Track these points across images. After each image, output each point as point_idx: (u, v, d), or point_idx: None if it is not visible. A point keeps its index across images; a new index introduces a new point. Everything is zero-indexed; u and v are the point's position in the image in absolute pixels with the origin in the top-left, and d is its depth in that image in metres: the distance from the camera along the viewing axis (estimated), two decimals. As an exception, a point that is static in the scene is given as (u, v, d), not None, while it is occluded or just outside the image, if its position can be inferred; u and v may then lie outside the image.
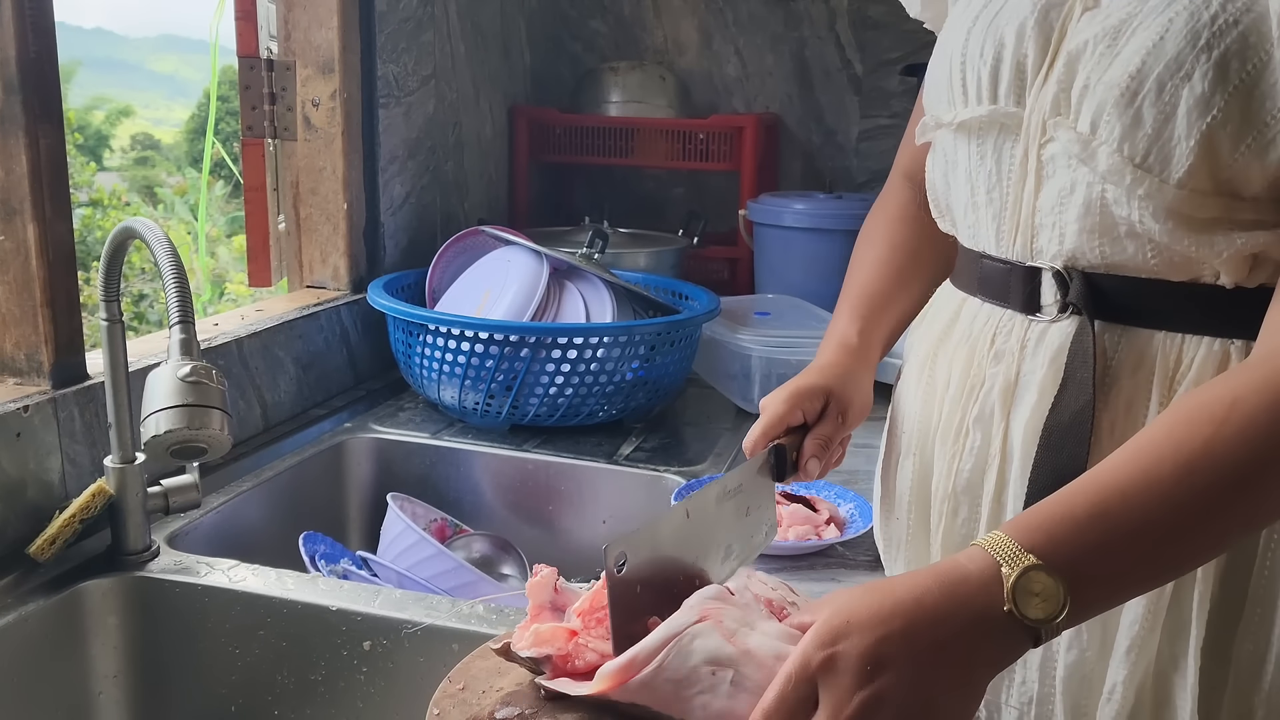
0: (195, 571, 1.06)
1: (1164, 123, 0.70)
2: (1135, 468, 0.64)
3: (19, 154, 1.05)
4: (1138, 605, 0.75)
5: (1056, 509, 0.63)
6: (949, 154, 0.87)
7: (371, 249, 1.72)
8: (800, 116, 2.40)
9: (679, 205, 2.45)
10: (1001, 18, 0.80)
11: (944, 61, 0.85)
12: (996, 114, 0.80)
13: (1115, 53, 0.72)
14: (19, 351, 1.09)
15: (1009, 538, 0.61)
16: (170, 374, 0.88)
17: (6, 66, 1.03)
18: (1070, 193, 0.76)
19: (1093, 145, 0.73)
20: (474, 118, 2.08)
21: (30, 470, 1.05)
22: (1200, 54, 0.68)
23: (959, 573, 0.61)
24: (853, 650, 0.59)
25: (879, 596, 0.61)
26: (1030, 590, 0.59)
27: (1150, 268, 0.75)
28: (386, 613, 1.00)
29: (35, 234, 1.06)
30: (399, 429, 1.51)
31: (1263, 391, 0.63)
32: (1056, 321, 0.79)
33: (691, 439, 1.54)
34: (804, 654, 0.60)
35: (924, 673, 0.59)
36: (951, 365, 0.87)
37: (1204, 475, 0.62)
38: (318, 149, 1.63)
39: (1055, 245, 0.78)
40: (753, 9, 2.37)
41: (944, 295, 0.93)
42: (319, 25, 1.58)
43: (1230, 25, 0.68)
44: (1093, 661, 0.78)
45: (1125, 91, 0.71)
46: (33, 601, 0.98)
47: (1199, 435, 0.63)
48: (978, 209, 0.84)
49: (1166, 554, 0.64)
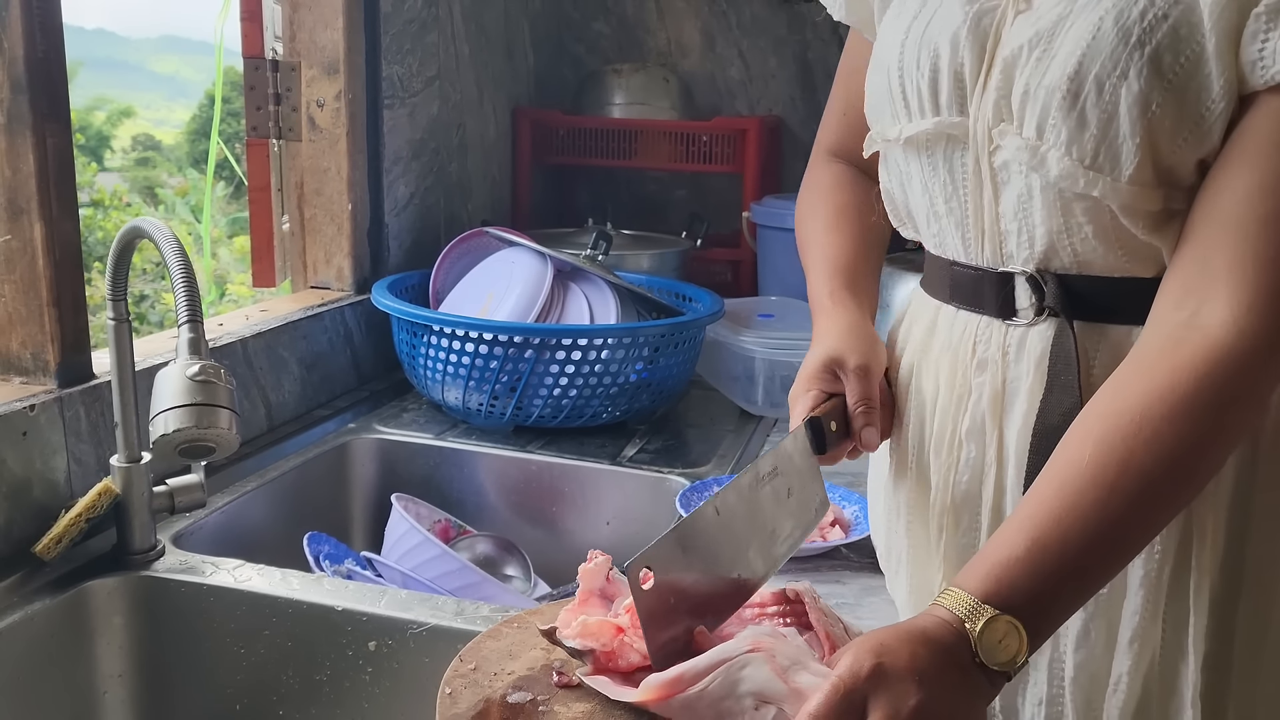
0: (200, 571, 1.06)
1: (1108, 122, 0.70)
2: (1061, 499, 0.67)
3: (26, 153, 1.05)
4: (1137, 596, 0.76)
5: (1001, 553, 0.67)
6: (901, 167, 0.87)
7: (375, 250, 1.72)
8: (803, 119, 2.40)
9: (682, 207, 2.45)
10: (934, 27, 0.79)
11: (881, 76, 0.85)
12: (942, 125, 0.80)
13: (1051, 55, 0.72)
14: (25, 350, 1.09)
15: (966, 594, 0.65)
16: (179, 373, 0.88)
17: (14, 66, 1.03)
18: (1030, 198, 0.76)
19: (1041, 151, 0.74)
20: (478, 119, 2.09)
21: (36, 469, 1.05)
22: (1134, 51, 0.69)
23: (934, 635, 0.64)
24: (900, 662, 0.62)
25: (898, 631, 0.65)
26: (993, 640, 0.64)
27: (1122, 265, 0.76)
28: (391, 613, 1.00)
29: (42, 233, 1.06)
30: (403, 430, 1.52)
31: (1167, 400, 0.67)
32: (1034, 325, 0.79)
33: (695, 440, 1.54)
34: (854, 662, 0.62)
35: (949, 691, 0.63)
36: (937, 376, 0.87)
37: (1125, 494, 0.67)
38: (322, 149, 1.63)
39: (1025, 249, 0.78)
40: (756, 11, 2.37)
41: (918, 303, 0.93)
42: (324, 26, 1.59)
43: (1160, 20, 0.68)
44: (1100, 658, 0.79)
45: (1067, 94, 0.71)
46: (38, 600, 0.98)
47: (1115, 455, 0.67)
48: (939, 219, 0.84)
49: (1104, 568, 0.69)
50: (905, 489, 0.91)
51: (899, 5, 0.86)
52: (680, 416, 1.65)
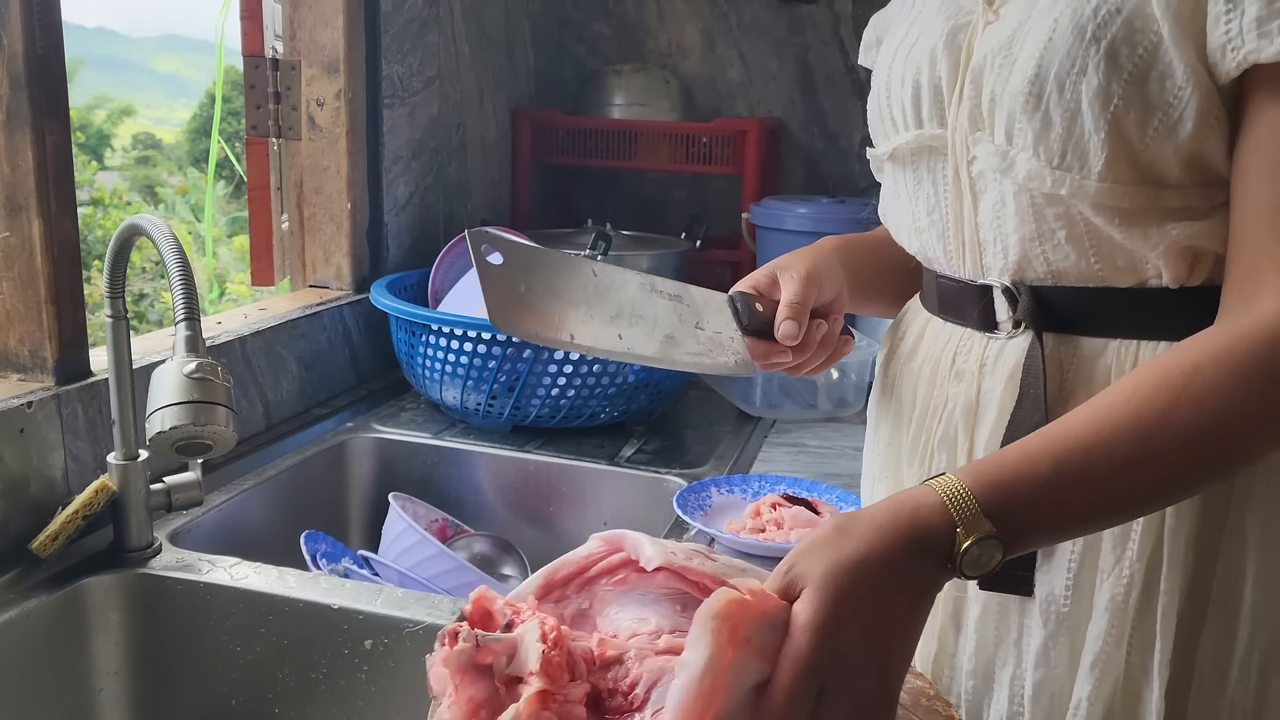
0: (197, 569, 1.06)
1: (1071, 120, 0.71)
2: (1096, 431, 0.65)
3: (25, 150, 1.05)
4: (1101, 621, 0.76)
5: (1020, 464, 0.65)
6: (890, 184, 0.90)
7: (375, 249, 1.72)
8: (803, 120, 2.40)
9: (681, 208, 2.45)
10: (917, 47, 0.82)
11: (874, 97, 0.89)
12: (923, 138, 0.82)
13: (1013, 61, 0.74)
14: (23, 347, 1.09)
15: (969, 494, 0.63)
16: (176, 370, 0.88)
17: (14, 62, 1.03)
18: (1003, 205, 0.77)
19: (1010, 154, 0.74)
20: (477, 119, 2.09)
21: (33, 466, 1.05)
22: (1089, 46, 0.69)
23: (918, 521, 0.62)
24: (854, 649, 0.59)
25: (857, 575, 0.61)
26: (976, 555, 0.62)
27: (1096, 274, 0.75)
28: (388, 612, 1.00)
29: (40, 230, 1.06)
30: (401, 429, 1.52)
31: (1221, 362, 0.65)
32: (1013, 338, 0.80)
33: (692, 441, 1.54)
34: (810, 656, 0.59)
35: (875, 624, 0.60)
36: (916, 386, 0.88)
37: (1159, 443, 0.64)
38: (322, 148, 1.63)
39: (1001, 260, 0.79)
40: (756, 13, 2.38)
41: (911, 313, 0.94)
42: (324, 25, 1.59)
43: (1113, 14, 0.69)
44: (1061, 679, 0.78)
45: (1029, 96, 0.72)
46: (35, 598, 0.98)
47: (1158, 402, 0.65)
48: (922, 233, 0.86)
49: (1109, 511, 0.67)
50: (882, 495, 0.92)
51: (890, 35, 0.90)
52: (678, 417, 1.65)
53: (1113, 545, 0.76)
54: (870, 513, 0.64)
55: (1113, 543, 0.76)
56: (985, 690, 0.83)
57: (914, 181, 0.85)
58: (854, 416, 1.64)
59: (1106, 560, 0.76)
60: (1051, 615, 0.78)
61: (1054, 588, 0.78)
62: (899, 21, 0.89)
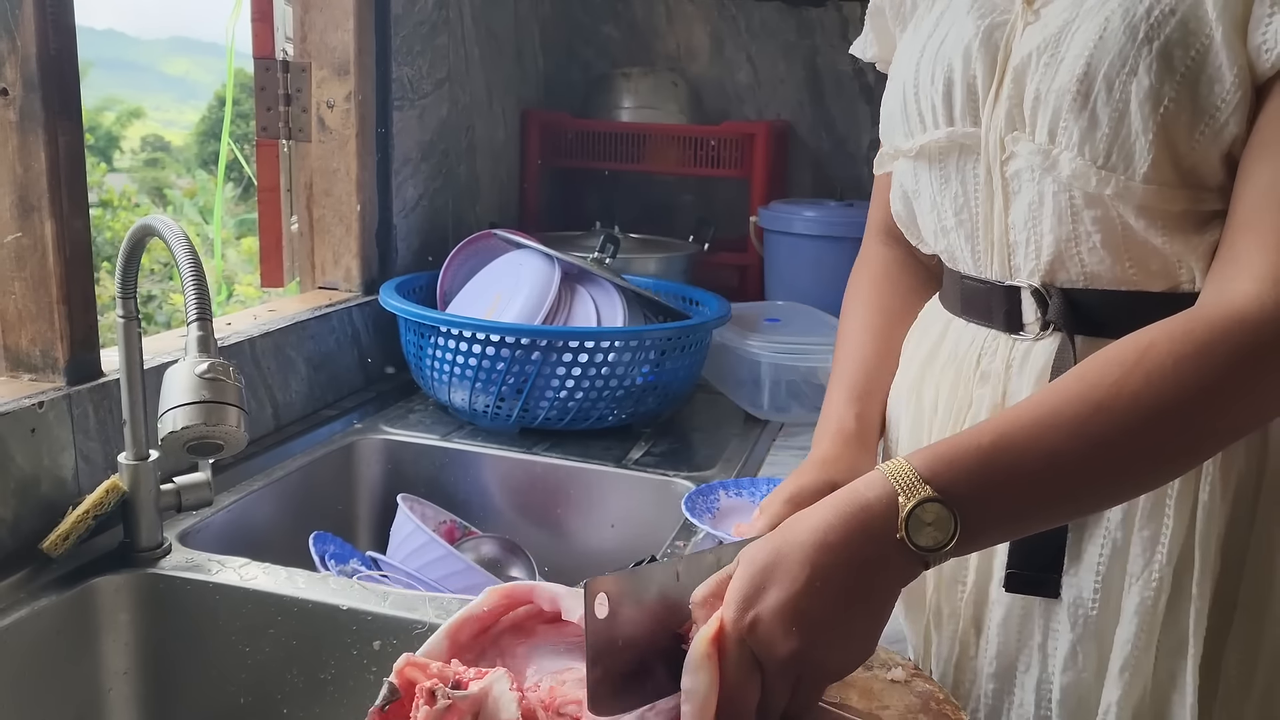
0: (206, 569, 1.06)
1: (1119, 120, 0.70)
2: (1043, 406, 0.66)
3: (38, 151, 1.05)
4: (1130, 625, 0.75)
5: (962, 440, 0.65)
6: (908, 184, 0.88)
7: (384, 251, 1.73)
8: (811, 124, 2.40)
9: (689, 211, 2.45)
10: (948, 44, 0.81)
11: (897, 93, 0.87)
12: (954, 135, 0.81)
13: (1059, 59, 0.73)
14: (34, 348, 1.09)
15: (910, 466, 0.64)
16: (188, 370, 0.88)
17: (28, 64, 1.04)
18: (1039, 205, 0.76)
19: (1053, 154, 0.74)
20: (487, 121, 2.09)
21: (44, 466, 1.05)
22: (1141, 47, 0.69)
23: (859, 501, 0.64)
24: (769, 612, 0.62)
25: (786, 548, 0.63)
26: (923, 520, 0.62)
27: (1129, 278, 0.75)
28: (396, 613, 1.00)
29: (53, 231, 1.07)
30: (409, 430, 1.52)
31: (1175, 339, 0.65)
32: (1039, 340, 0.79)
33: (700, 444, 1.54)
34: (732, 629, 0.63)
35: (837, 606, 0.62)
36: (939, 387, 0.87)
37: (1109, 415, 0.64)
38: (331, 150, 1.63)
39: (1032, 261, 0.78)
40: (765, 16, 2.38)
41: (931, 314, 0.93)
42: (335, 28, 1.59)
43: (1167, 14, 0.69)
44: (1089, 683, 0.78)
45: (1077, 95, 0.71)
46: (45, 597, 0.99)
47: (1109, 377, 0.65)
48: (948, 233, 0.85)
49: (1064, 491, 0.66)
50: None
51: (914, 28, 0.88)
52: (686, 420, 1.65)
53: (1142, 549, 0.75)
54: (821, 500, 0.65)
55: (1141, 546, 0.75)
56: (1005, 693, 0.82)
57: (941, 180, 0.84)
58: (862, 420, 1.64)
59: (1135, 564, 0.75)
60: (1079, 618, 0.78)
61: (1081, 591, 0.78)
62: (924, 15, 0.88)
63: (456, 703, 0.62)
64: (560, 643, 0.72)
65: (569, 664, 0.70)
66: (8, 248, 1.08)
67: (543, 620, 0.72)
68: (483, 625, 0.72)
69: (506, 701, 0.63)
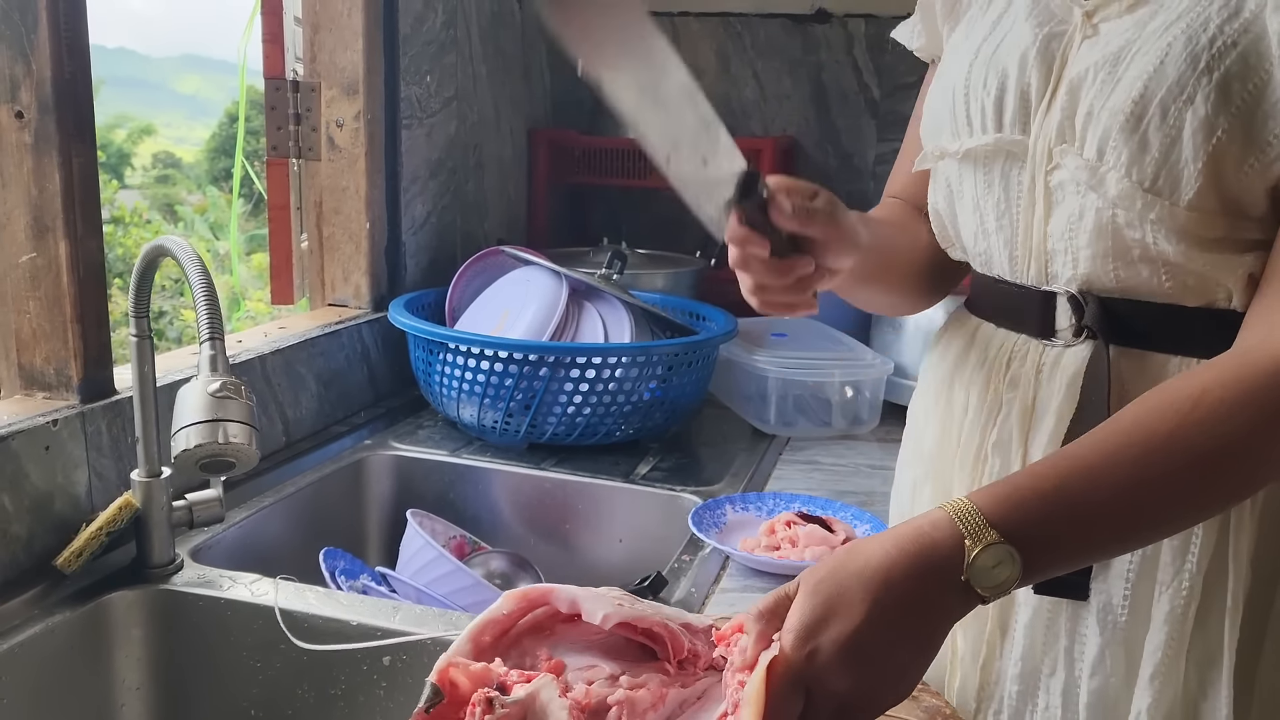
0: (218, 585, 1.07)
1: (1170, 146, 0.71)
2: (1101, 451, 0.66)
3: (52, 172, 1.07)
4: (1160, 633, 0.76)
5: (1023, 482, 0.66)
6: (953, 184, 0.88)
7: (393, 268, 1.74)
8: (817, 140, 2.41)
9: (696, 227, 2.44)
10: (1003, 49, 0.81)
11: (946, 94, 0.87)
12: (1002, 142, 0.81)
13: (1116, 79, 0.73)
14: (49, 366, 1.11)
15: (976, 509, 0.64)
16: (200, 389, 0.89)
17: (42, 87, 1.05)
18: (1080, 218, 0.77)
19: (1101, 171, 0.74)
20: (494, 139, 2.11)
21: (58, 483, 1.07)
22: (1201, 76, 0.69)
23: (925, 540, 0.63)
24: (830, 645, 0.61)
25: (850, 580, 0.63)
26: (987, 564, 0.62)
27: (1165, 291, 0.76)
28: (406, 628, 1.00)
29: (67, 251, 1.08)
30: (418, 446, 1.53)
31: (1229, 385, 0.66)
32: (1071, 346, 0.80)
33: (708, 459, 1.55)
34: (790, 657, 0.62)
35: (894, 646, 0.62)
36: (969, 390, 0.88)
37: (1166, 462, 0.65)
38: (341, 169, 1.65)
39: (1070, 270, 0.79)
40: (771, 33, 2.39)
41: (959, 319, 0.94)
42: (344, 47, 1.61)
43: (1229, 47, 0.69)
44: (1118, 688, 0.78)
45: (1130, 117, 0.72)
46: (59, 613, 1.00)
47: (1166, 423, 0.66)
48: (988, 236, 0.85)
49: (1124, 530, 0.67)
50: (927, 500, 0.92)
51: (967, 28, 0.88)
52: (693, 435, 1.66)
53: (1172, 557, 0.76)
54: (884, 533, 0.65)
55: (1172, 554, 0.76)
56: (1029, 695, 0.83)
57: (984, 184, 0.84)
58: (868, 434, 1.65)
59: (1165, 572, 0.76)
60: (1108, 624, 0.78)
61: (1111, 597, 0.78)
62: (978, 16, 0.88)
63: (508, 708, 0.63)
64: (579, 640, 0.73)
65: (593, 660, 0.70)
66: (23, 268, 1.09)
67: (560, 620, 0.73)
68: (503, 628, 0.73)
69: (555, 706, 0.64)
